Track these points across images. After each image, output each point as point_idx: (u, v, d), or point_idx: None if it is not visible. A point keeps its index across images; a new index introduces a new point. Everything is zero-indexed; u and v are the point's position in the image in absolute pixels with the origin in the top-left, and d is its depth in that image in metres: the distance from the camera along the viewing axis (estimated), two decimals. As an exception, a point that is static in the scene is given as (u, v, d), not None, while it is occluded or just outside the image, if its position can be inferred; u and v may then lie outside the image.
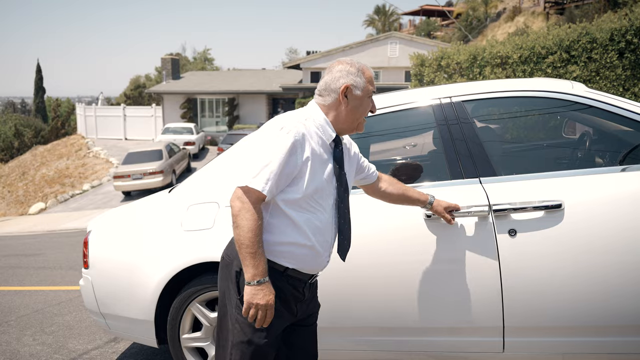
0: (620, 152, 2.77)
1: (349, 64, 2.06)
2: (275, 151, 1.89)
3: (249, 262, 1.88)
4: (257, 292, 1.89)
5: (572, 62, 8.53)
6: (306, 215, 1.98)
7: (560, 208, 2.49)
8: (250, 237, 1.86)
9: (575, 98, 2.74)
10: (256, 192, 1.88)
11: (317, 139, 1.99)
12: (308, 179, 1.94)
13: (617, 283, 2.45)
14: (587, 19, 11.21)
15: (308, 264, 2.04)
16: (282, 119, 1.98)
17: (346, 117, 2.05)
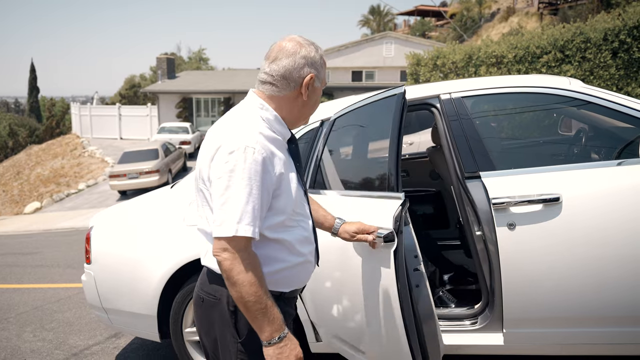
0: (616, 147, 2.83)
1: (313, 49, 1.70)
2: (250, 180, 1.54)
3: (262, 320, 1.54)
4: (282, 350, 1.57)
5: (566, 61, 8.61)
6: (294, 232, 1.70)
7: (558, 201, 2.54)
8: (255, 291, 1.53)
9: (572, 94, 2.80)
10: (244, 237, 1.54)
11: (275, 142, 1.66)
12: (287, 195, 1.65)
13: (614, 274, 2.51)
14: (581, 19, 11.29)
15: (303, 278, 1.80)
16: (239, 135, 1.58)
17: (300, 112, 1.74)
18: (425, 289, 2.26)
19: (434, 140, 3.97)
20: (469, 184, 2.74)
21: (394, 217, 2.14)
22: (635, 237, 2.47)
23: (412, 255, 2.20)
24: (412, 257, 2.20)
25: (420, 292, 2.24)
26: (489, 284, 2.73)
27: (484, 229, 2.68)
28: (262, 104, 1.69)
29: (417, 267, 2.23)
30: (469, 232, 2.81)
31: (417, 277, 2.24)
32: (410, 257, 2.20)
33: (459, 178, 2.79)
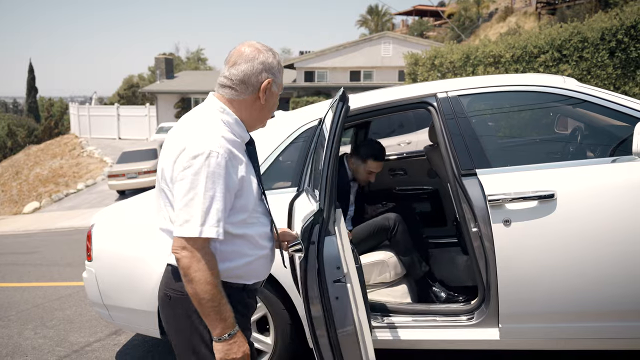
0: (611, 145, 2.87)
1: (271, 55, 1.76)
2: (214, 184, 1.60)
3: (215, 317, 1.62)
4: (230, 347, 1.65)
5: (563, 61, 8.66)
6: (255, 228, 1.79)
7: (553, 198, 2.58)
8: (210, 289, 1.59)
9: (567, 92, 2.84)
10: (203, 239, 1.60)
11: (235, 144, 1.72)
12: (248, 194, 1.73)
13: (608, 270, 2.55)
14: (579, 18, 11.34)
15: (265, 271, 1.89)
16: (202, 139, 1.64)
17: (258, 115, 1.80)
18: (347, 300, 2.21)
19: (431, 139, 4.02)
20: (465, 181, 2.78)
21: (302, 229, 2.16)
22: (629, 233, 2.51)
23: (334, 267, 2.20)
24: (334, 269, 2.20)
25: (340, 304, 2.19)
26: (485, 280, 2.77)
27: (480, 225, 2.71)
28: (223, 107, 1.75)
29: (339, 278, 2.21)
30: (465, 229, 2.85)
31: (337, 289, 2.17)
32: (331, 269, 2.18)
33: (456, 175, 2.83)
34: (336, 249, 2.18)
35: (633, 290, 2.54)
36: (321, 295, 2.18)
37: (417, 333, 2.91)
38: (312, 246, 2.15)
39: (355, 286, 2.31)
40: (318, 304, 2.17)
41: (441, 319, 2.91)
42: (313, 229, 2.16)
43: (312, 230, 2.16)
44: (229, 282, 1.73)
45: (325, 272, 2.17)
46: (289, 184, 3.06)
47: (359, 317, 2.28)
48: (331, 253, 2.18)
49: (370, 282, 3.25)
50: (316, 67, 29.29)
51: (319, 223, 2.17)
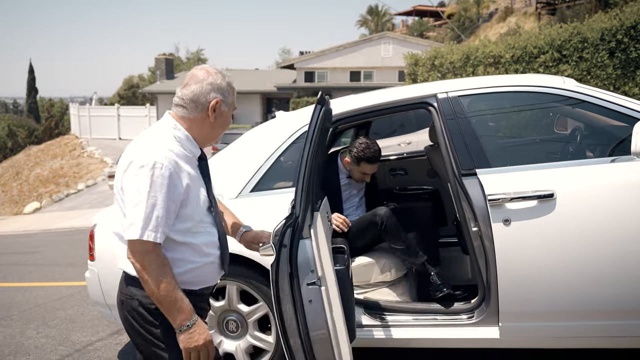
0: (609, 145, 2.89)
1: (220, 77, 1.92)
2: (156, 192, 1.75)
3: (173, 310, 1.76)
4: (191, 335, 1.79)
5: (563, 61, 8.68)
6: (201, 237, 1.91)
7: (552, 197, 2.60)
8: (164, 287, 1.74)
9: (566, 93, 2.87)
10: (150, 242, 1.75)
11: (185, 158, 1.87)
12: (194, 204, 1.86)
13: (607, 269, 2.57)
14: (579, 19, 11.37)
15: (211, 278, 2.00)
16: (150, 151, 1.78)
17: (209, 133, 1.94)
18: (321, 303, 2.23)
19: (431, 139, 4.04)
20: (465, 181, 2.80)
21: (274, 232, 2.21)
22: (628, 232, 2.54)
23: (307, 270, 2.20)
24: (308, 272, 2.20)
25: (313, 307, 2.22)
26: (485, 279, 2.79)
27: (480, 225, 2.73)
28: (175, 124, 1.90)
29: (313, 281, 2.24)
30: (465, 228, 2.87)
31: (311, 292, 2.21)
32: (304, 272, 2.20)
33: (456, 175, 2.85)
34: (310, 252, 2.21)
35: (631, 289, 2.56)
36: (293, 298, 2.22)
37: (418, 332, 2.93)
38: (284, 249, 2.20)
39: (331, 289, 2.32)
40: (290, 306, 2.22)
41: (441, 317, 2.93)
42: (285, 232, 2.21)
43: (285, 233, 2.21)
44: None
45: (299, 275, 2.21)
46: (290, 184, 3.09)
47: (333, 320, 2.30)
48: (305, 256, 2.21)
49: (371, 282, 3.27)
50: (316, 67, 29.33)
51: (292, 226, 2.21)
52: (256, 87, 30.66)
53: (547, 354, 3.23)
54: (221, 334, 3.16)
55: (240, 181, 3.11)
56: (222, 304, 3.10)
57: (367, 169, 3.52)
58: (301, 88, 28.48)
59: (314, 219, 2.29)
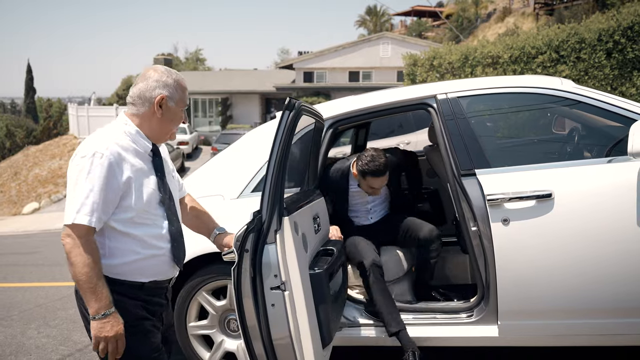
0: (607, 145, 2.93)
1: (165, 74, 1.99)
2: (93, 179, 1.82)
3: (91, 297, 1.81)
4: (104, 325, 1.83)
5: (561, 62, 8.71)
6: (145, 229, 1.95)
7: (550, 197, 2.63)
8: (87, 272, 1.79)
9: (564, 94, 2.90)
10: (84, 226, 1.81)
11: (134, 152, 1.95)
12: (136, 195, 1.91)
13: (605, 268, 2.61)
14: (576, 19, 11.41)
15: (161, 272, 2.03)
16: (93, 143, 1.88)
17: (159, 128, 2.00)
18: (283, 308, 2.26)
19: (430, 139, 4.06)
20: (464, 181, 2.83)
21: (235, 237, 2.24)
22: (624, 231, 2.57)
23: (271, 274, 2.24)
24: (272, 277, 2.24)
25: (275, 312, 2.26)
26: (484, 278, 2.82)
27: (479, 224, 2.76)
28: (127, 120, 2.00)
29: (277, 285, 2.24)
30: (464, 228, 2.90)
31: (274, 296, 2.25)
32: (268, 276, 2.24)
33: (455, 175, 2.88)
34: (274, 257, 2.24)
35: (629, 287, 2.60)
36: (256, 302, 2.25)
37: (418, 330, 2.96)
38: (246, 254, 2.23)
39: (297, 294, 2.33)
40: (252, 310, 2.25)
41: (441, 316, 2.96)
42: (247, 237, 2.24)
43: (246, 238, 2.24)
44: (121, 279, 1.93)
45: (262, 279, 2.25)
46: (292, 184, 3.11)
47: (297, 325, 2.32)
48: (269, 261, 2.25)
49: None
50: (315, 67, 29.36)
51: (258, 231, 2.25)
52: (255, 88, 30.68)
53: (545, 353, 3.27)
54: (223, 333, 3.18)
55: (241, 182, 3.14)
56: (223, 303, 3.12)
57: (374, 183, 3.28)
58: (300, 88, 28.51)
59: (282, 224, 2.31)
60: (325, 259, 2.70)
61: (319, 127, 3.01)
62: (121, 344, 1.88)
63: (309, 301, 2.38)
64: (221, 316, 3.17)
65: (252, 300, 2.25)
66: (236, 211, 3.05)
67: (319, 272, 2.51)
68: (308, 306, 2.36)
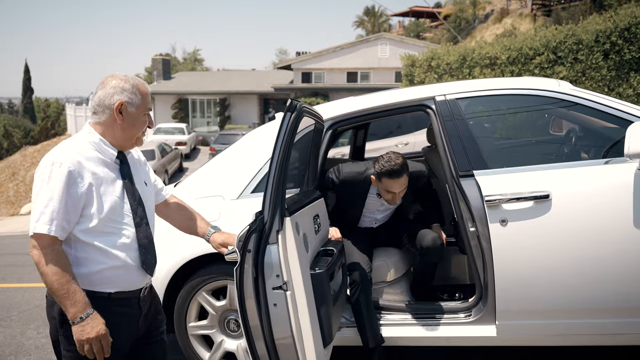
0: (603, 147, 2.95)
1: (123, 80, 1.99)
2: (52, 188, 1.83)
3: (67, 303, 1.83)
4: (84, 328, 1.84)
5: (558, 63, 8.74)
6: (109, 238, 1.94)
7: (548, 198, 2.66)
8: (57, 279, 1.81)
9: (561, 96, 2.93)
10: (46, 235, 1.82)
11: (98, 160, 1.96)
12: (98, 204, 1.91)
13: (601, 268, 2.63)
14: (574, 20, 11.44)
15: (129, 282, 2.01)
16: (53, 153, 1.90)
17: (122, 135, 2.00)
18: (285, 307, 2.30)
19: (429, 140, 4.09)
20: (463, 182, 2.85)
21: (238, 237, 2.28)
22: (621, 232, 2.60)
23: (273, 275, 2.28)
24: (274, 277, 2.28)
25: (277, 311, 2.30)
26: (483, 278, 2.84)
27: (478, 225, 2.79)
28: (90, 130, 2.00)
29: (279, 285, 2.27)
30: (463, 229, 2.92)
31: (276, 296, 2.29)
32: (270, 276, 2.28)
33: (454, 176, 2.90)
34: (276, 257, 2.27)
35: (626, 287, 2.62)
36: (258, 302, 2.28)
37: (417, 330, 2.98)
38: (248, 254, 2.26)
39: (299, 294, 2.36)
40: (255, 310, 2.28)
41: (439, 316, 2.98)
42: (249, 237, 2.27)
43: (249, 238, 2.27)
44: (89, 289, 1.91)
45: (264, 279, 2.28)
46: (291, 185, 3.13)
47: (299, 324, 2.35)
48: (271, 261, 2.28)
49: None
50: (313, 68, 29.38)
51: (260, 231, 2.27)
52: (253, 88, 30.69)
53: (542, 353, 3.29)
54: (222, 333, 3.20)
55: (241, 182, 3.16)
56: (223, 304, 3.14)
57: (390, 186, 3.07)
58: (298, 89, 28.52)
59: (284, 225, 2.34)
60: (325, 259, 2.73)
61: (319, 128, 3.03)
62: (105, 343, 1.89)
63: (310, 301, 2.41)
64: (221, 316, 3.19)
65: (255, 300, 2.28)
66: (236, 211, 3.07)
67: (320, 272, 2.53)
68: (309, 306, 2.39)
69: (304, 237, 2.56)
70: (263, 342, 2.31)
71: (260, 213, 2.31)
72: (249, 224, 2.30)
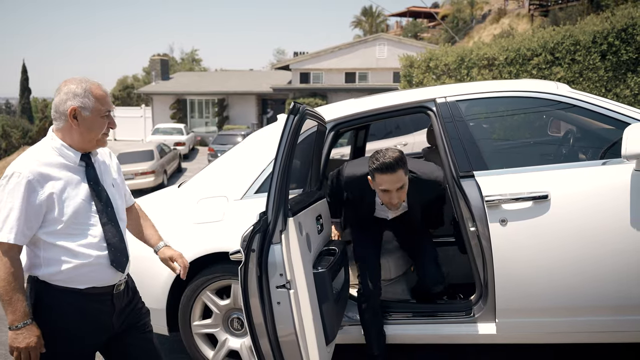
0: (601, 148, 3.01)
1: (75, 85, 2.00)
2: (13, 198, 1.90)
3: (7, 309, 1.91)
4: (17, 336, 1.91)
5: (556, 63, 8.80)
6: (77, 238, 2.00)
7: (546, 198, 2.71)
8: (4, 285, 1.89)
9: (560, 98, 2.98)
10: (5, 243, 1.90)
11: (60, 166, 2.00)
12: (60, 209, 1.96)
13: (599, 266, 2.69)
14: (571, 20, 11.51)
15: (100, 279, 2.06)
16: (15, 164, 1.96)
17: (80, 139, 2.03)
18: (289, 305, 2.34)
19: (429, 141, 4.14)
20: (463, 182, 2.90)
21: (242, 237, 2.35)
22: (618, 231, 2.65)
23: (277, 274, 2.34)
24: (277, 276, 2.34)
25: (281, 309, 2.36)
26: (483, 277, 2.89)
27: (478, 225, 2.84)
28: (53, 136, 2.05)
29: (282, 284, 2.33)
30: (463, 229, 2.97)
31: (279, 295, 2.35)
32: (274, 275, 2.35)
33: (454, 177, 2.95)
34: (280, 256, 2.33)
35: (622, 285, 2.68)
36: (262, 300, 2.34)
37: (417, 328, 3.03)
38: (252, 253, 2.32)
39: (302, 292, 2.41)
40: (259, 308, 2.34)
41: (440, 314, 3.03)
42: (253, 237, 2.33)
43: (253, 238, 2.33)
44: (59, 285, 2.00)
45: (268, 278, 2.34)
46: (294, 185, 3.17)
47: (302, 322, 2.40)
48: (274, 260, 2.34)
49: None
50: (311, 68, 29.41)
51: (262, 231, 2.33)
52: (252, 88, 30.71)
53: (541, 351, 3.34)
54: (226, 332, 3.25)
55: (245, 183, 3.20)
56: (227, 303, 3.18)
57: (383, 183, 2.75)
58: (297, 89, 28.55)
59: (287, 225, 2.40)
60: (328, 259, 2.77)
61: (321, 129, 3.07)
62: (34, 356, 1.94)
63: (313, 299, 2.46)
64: (225, 315, 3.23)
65: (259, 299, 2.33)
66: (240, 212, 3.12)
67: (323, 272, 2.58)
68: (312, 304, 2.44)
69: (307, 236, 2.61)
70: (267, 339, 2.36)
71: (264, 213, 2.37)
72: (253, 224, 2.35)
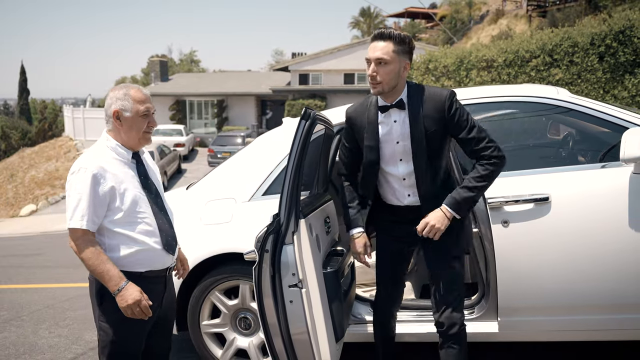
0: (600, 151, 3.09)
1: (117, 90, 2.29)
2: (81, 190, 2.17)
3: (104, 279, 2.18)
4: (122, 297, 2.18)
5: (554, 65, 8.88)
6: (135, 226, 2.27)
7: (547, 201, 2.79)
8: (93, 263, 2.17)
9: (560, 103, 3.06)
10: (78, 229, 2.17)
11: (117, 162, 2.28)
12: (120, 199, 2.23)
13: (598, 267, 2.77)
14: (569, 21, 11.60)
15: (156, 261, 2.34)
16: (80, 161, 2.24)
17: (127, 138, 2.31)
18: (301, 304, 2.40)
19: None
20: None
21: (257, 237, 2.47)
22: (616, 233, 2.73)
23: (289, 273, 2.44)
24: (290, 275, 2.44)
25: (293, 307, 2.45)
26: (485, 277, 2.97)
27: (480, 226, 2.92)
28: (107, 137, 2.34)
29: (295, 283, 2.43)
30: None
31: (292, 293, 2.46)
32: (287, 275, 2.45)
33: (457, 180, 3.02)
34: (292, 257, 2.45)
35: (621, 284, 2.76)
36: (275, 299, 2.46)
37: (421, 327, 3.10)
38: (266, 254, 2.44)
39: (313, 291, 2.51)
40: (272, 307, 2.45)
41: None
42: (267, 238, 2.45)
43: (266, 239, 2.45)
44: (124, 270, 2.24)
45: (281, 277, 2.45)
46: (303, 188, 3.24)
47: (313, 320, 2.49)
48: (287, 260, 2.46)
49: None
50: (310, 69, 29.48)
51: (274, 232, 2.44)
52: (251, 89, 30.78)
53: (542, 349, 3.41)
54: (235, 331, 3.32)
55: (252, 185, 3.28)
56: (235, 302, 3.26)
57: (369, 51, 2.79)
58: (296, 90, 28.62)
59: (299, 226, 2.50)
60: (336, 259, 2.85)
61: (328, 133, 3.15)
62: (144, 305, 2.21)
63: (323, 298, 2.54)
64: (233, 315, 3.30)
65: (272, 298, 2.43)
66: (248, 213, 3.19)
67: (332, 271, 2.66)
68: (323, 303, 2.53)
69: (317, 237, 2.69)
70: (280, 338, 2.44)
71: (277, 215, 2.46)
72: (267, 226, 2.43)
